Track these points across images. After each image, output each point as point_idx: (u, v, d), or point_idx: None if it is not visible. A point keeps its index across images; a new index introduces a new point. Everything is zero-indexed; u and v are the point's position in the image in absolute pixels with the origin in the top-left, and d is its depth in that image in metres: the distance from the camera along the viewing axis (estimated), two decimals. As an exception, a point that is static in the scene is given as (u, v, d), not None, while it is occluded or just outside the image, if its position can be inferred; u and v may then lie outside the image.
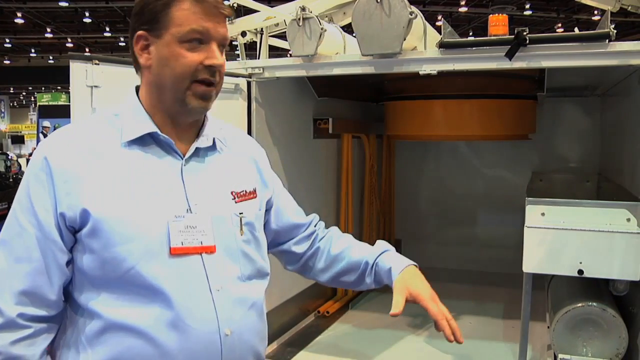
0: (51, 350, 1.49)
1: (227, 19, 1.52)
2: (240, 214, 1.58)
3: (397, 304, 1.80)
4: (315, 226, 1.94)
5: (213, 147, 1.61)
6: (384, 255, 1.92)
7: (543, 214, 2.64)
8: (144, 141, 1.50)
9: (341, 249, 1.91)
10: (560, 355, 2.65)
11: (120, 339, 1.41)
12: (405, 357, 3.29)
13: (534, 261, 2.60)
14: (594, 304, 2.63)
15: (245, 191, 1.63)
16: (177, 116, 1.54)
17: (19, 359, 1.39)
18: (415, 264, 1.94)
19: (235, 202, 1.59)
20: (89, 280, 1.44)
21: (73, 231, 1.43)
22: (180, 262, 1.45)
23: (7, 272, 1.41)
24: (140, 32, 1.48)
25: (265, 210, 1.77)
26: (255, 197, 1.66)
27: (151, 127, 1.50)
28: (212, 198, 1.55)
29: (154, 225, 1.44)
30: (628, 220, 2.52)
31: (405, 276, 1.89)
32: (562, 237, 2.55)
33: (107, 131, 1.50)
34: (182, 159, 1.53)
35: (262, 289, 1.64)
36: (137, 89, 1.58)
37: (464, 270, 5.08)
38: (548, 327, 2.80)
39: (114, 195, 1.43)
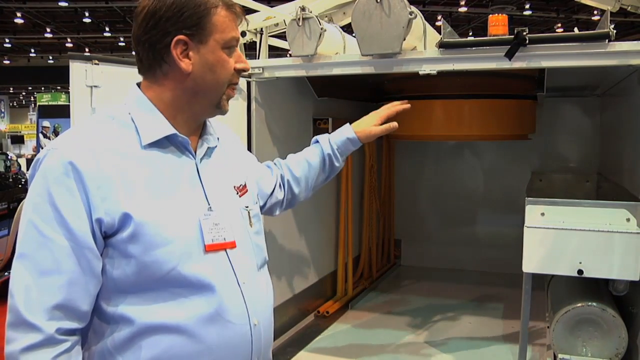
0: None
1: None
2: (246, 207, 1.64)
3: (387, 126, 2.21)
4: (275, 171, 2.09)
5: (215, 147, 1.64)
6: (331, 137, 2.16)
7: (543, 214, 2.64)
8: (160, 143, 1.48)
9: (300, 166, 2.12)
10: (559, 355, 2.65)
11: (158, 342, 1.40)
12: (404, 357, 3.29)
13: (533, 261, 2.60)
14: (594, 304, 2.63)
15: (242, 185, 1.68)
16: (201, 118, 1.58)
17: None
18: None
19: (240, 197, 1.64)
20: (120, 285, 1.40)
21: (105, 236, 1.38)
22: (213, 259, 1.47)
23: (35, 288, 1.33)
24: (180, 37, 1.45)
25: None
26: (247, 190, 1.70)
27: (170, 129, 1.49)
28: (224, 195, 1.58)
29: (188, 225, 1.45)
30: (628, 220, 2.52)
31: (358, 125, 2.18)
32: (562, 237, 2.55)
33: (124, 132, 1.46)
34: (195, 158, 1.54)
35: (268, 277, 1.71)
36: (139, 86, 1.55)
37: (463, 270, 5.09)
38: (548, 327, 2.80)
39: (149, 197, 1.41)
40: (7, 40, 22.94)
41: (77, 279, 1.35)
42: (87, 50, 23.93)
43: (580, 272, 2.52)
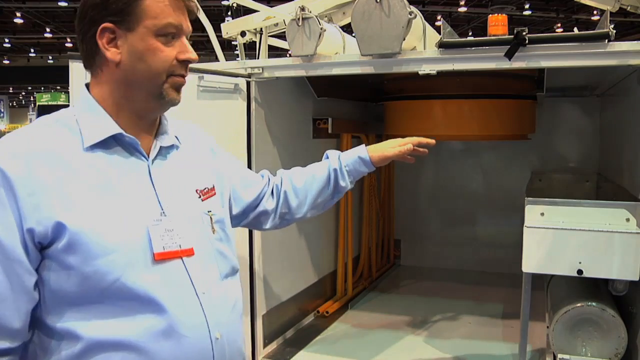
0: None
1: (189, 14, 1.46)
2: (209, 212, 1.54)
3: (401, 150, 2.09)
4: (270, 180, 1.97)
5: (172, 146, 1.54)
6: (342, 156, 2.03)
7: (542, 214, 2.64)
8: (106, 144, 1.39)
9: (303, 178, 1.98)
10: (559, 356, 2.65)
11: (107, 357, 1.31)
12: (404, 357, 3.29)
13: (533, 261, 2.60)
14: (593, 304, 2.63)
15: (207, 188, 1.58)
16: (147, 113, 1.47)
17: None
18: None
19: (202, 201, 1.54)
20: (63, 299, 1.31)
21: (40, 248, 1.29)
22: (164, 268, 1.37)
23: None
24: (105, 24, 1.36)
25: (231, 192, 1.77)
26: (215, 193, 1.61)
27: (115, 129, 1.40)
28: (181, 198, 1.49)
29: (134, 232, 1.35)
30: (627, 220, 2.52)
31: (374, 147, 2.07)
32: (562, 237, 2.55)
33: (64, 135, 1.37)
34: (147, 159, 1.45)
35: (238, 286, 1.62)
36: (87, 87, 1.47)
37: (463, 270, 5.09)
38: (547, 327, 2.80)
39: (88, 204, 1.31)
40: (6, 40, 22.96)
41: (5, 295, 1.26)
42: (86, 50, 23.94)
43: (579, 272, 2.52)
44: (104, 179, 1.36)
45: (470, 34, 18.85)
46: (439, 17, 15.80)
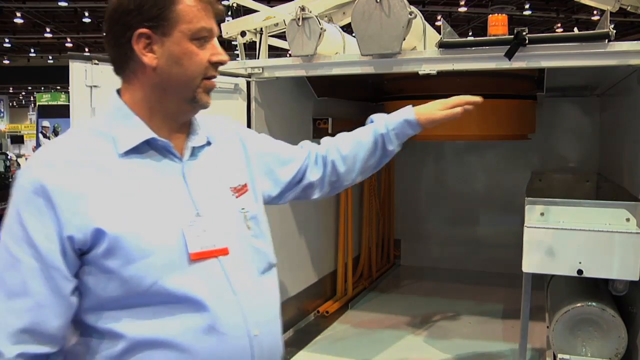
0: None
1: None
2: (243, 209, 1.53)
3: (451, 112, 2.03)
4: (311, 151, 1.91)
5: (204, 145, 1.54)
6: (388, 119, 1.96)
7: (542, 214, 2.64)
8: (140, 148, 1.40)
9: (350, 144, 1.92)
10: (559, 355, 2.65)
11: (150, 357, 1.34)
12: (404, 357, 3.29)
13: (533, 261, 2.60)
14: (594, 303, 2.63)
15: (240, 185, 1.58)
16: (179, 116, 1.48)
17: None
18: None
19: (236, 198, 1.54)
20: (105, 301, 1.34)
21: (80, 253, 1.32)
22: (200, 268, 1.38)
23: (2, 310, 1.29)
24: (141, 30, 1.37)
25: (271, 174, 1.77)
26: (248, 190, 1.60)
27: (148, 133, 1.41)
28: (215, 197, 1.49)
29: (170, 235, 1.37)
30: (627, 220, 2.52)
31: (422, 109, 1.98)
32: (562, 237, 2.55)
33: (99, 142, 1.39)
34: (181, 160, 1.46)
35: (275, 282, 1.61)
36: (118, 92, 1.48)
37: (463, 270, 5.09)
38: (547, 327, 2.80)
39: (124, 209, 1.33)
40: (6, 40, 22.95)
41: (45, 302, 1.29)
42: (87, 50, 23.92)
43: (580, 272, 2.52)
44: (139, 183, 1.38)
45: (470, 34, 18.84)
46: (439, 17, 15.79)
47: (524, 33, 2.43)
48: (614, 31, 2.36)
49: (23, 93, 37.05)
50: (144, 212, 1.35)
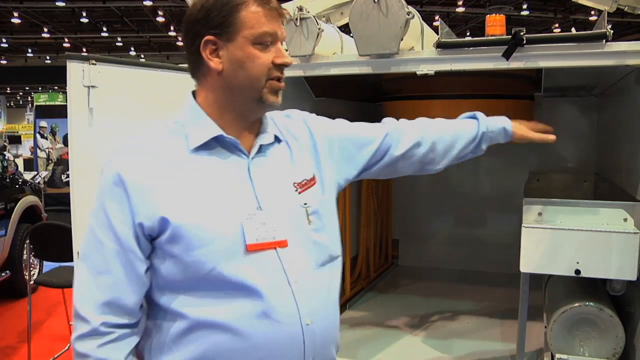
0: (138, 353, 1.56)
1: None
2: (305, 204, 1.63)
3: (545, 137, 2.26)
4: (396, 127, 2.00)
5: (273, 142, 1.66)
6: (489, 121, 2.12)
7: (540, 214, 2.65)
8: (209, 145, 1.54)
9: (452, 131, 2.06)
10: (557, 355, 2.66)
11: (207, 336, 1.47)
12: (402, 357, 3.29)
13: (531, 261, 2.60)
14: (591, 303, 2.63)
15: (306, 180, 1.67)
16: (249, 115, 1.60)
17: None
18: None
19: (299, 193, 1.64)
20: (171, 283, 1.50)
21: (151, 239, 1.49)
22: (257, 258, 1.50)
23: (90, 285, 1.49)
24: (208, 37, 1.51)
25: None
26: (315, 182, 1.69)
27: (217, 131, 1.54)
28: (278, 193, 1.60)
29: (228, 226, 1.49)
30: (625, 220, 2.53)
31: (516, 124, 2.16)
32: (559, 237, 2.55)
33: (173, 140, 1.55)
34: (248, 157, 1.58)
35: (335, 275, 1.69)
36: (194, 94, 1.62)
37: (461, 270, 5.09)
38: (545, 327, 2.80)
39: (189, 201, 1.48)
40: (4, 40, 22.92)
41: (122, 279, 1.48)
42: (84, 50, 23.91)
43: (577, 272, 2.52)
44: (205, 178, 1.52)
45: (468, 34, 18.86)
46: (436, 17, 15.81)
47: (522, 33, 2.44)
48: (612, 31, 2.37)
49: (20, 93, 37.02)
50: (206, 204, 1.49)
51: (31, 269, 6.21)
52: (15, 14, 18.51)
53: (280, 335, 1.50)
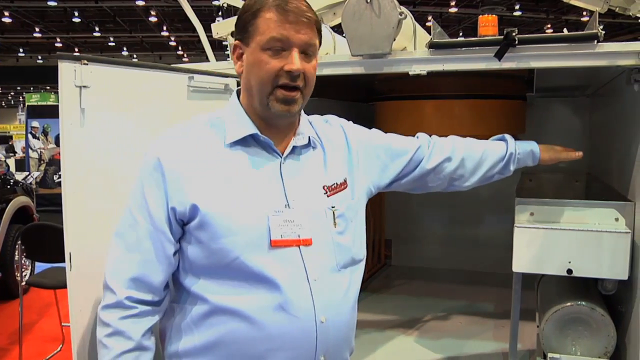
0: (161, 330, 1.68)
1: (314, 25, 1.60)
2: (332, 207, 1.68)
3: (570, 154, 2.38)
4: (428, 143, 2.07)
5: (308, 146, 1.72)
6: (518, 143, 2.21)
7: (532, 214, 2.66)
8: (246, 142, 1.62)
9: (481, 149, 2.14)
10: (549, 355, 2.66)
11: (225, 322, 1.54)
12: (395, 357, 3.30)
13: (523, 261, 2.61)
14: (583, 303, 2.64)
15: (337, 184, 1.73)
16: (268, 119, 1.64)
17: (123, 333, 1.55)
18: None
19: (328, 197, 1.69)
20: (196, 268, 1.58)
21: (182, 224, 1.58)
22: (280, 254, 1.56)
23: (121, 260, 1.59)
24: (236, 42, 1.64)
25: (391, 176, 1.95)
26: (346, 186, 1.75)
27: (252, 129, 1.62)
28: (307, 194, 1.66)
29: (255, 220, 1.56)
30: (616, 219, 2.54)
31: (544, 147, 2.28)
32: (552, 236, 2.56)
33: (212, 133, 1.63)
34: (281, 157, 1.65)
35: (356, 278, 1.74)
36: (238, 93, 1.72)
37: (454, 270, 5.10)
38: (538, 326, 2.81)
39: (220, 192, 1.56)
40: (-5, 40, 22.80)
41: (151, 258, 1.57)
42: (76, 50, 23.82)
43: (569, 271, 2.53)
44: (238, 171, 1.60)
45: (460, 34, 18.90)
46: (429, 18, 15.85)
47: (514, 34, 2.44)
48: (603, 32, 2.37)
49: (12, 93, 36.84)
50: (236, 196, 1.57)
51: (23, 270, 6.18)
52: (6, 13, 18.42)
53: (294, 329, 1.54)
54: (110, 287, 1.58)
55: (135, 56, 25.92)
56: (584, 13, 15.32)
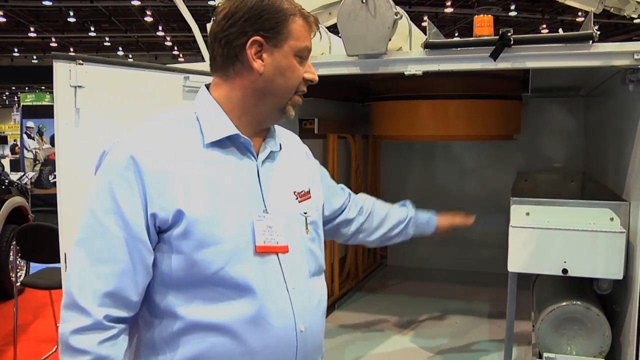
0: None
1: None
2: (304, 213, 1.65)
3: (465, 220, 2.56)
4: (350, 193, 2.13)
5: (278, 151, 1.67)
6: (418, 210, 2.36)
7: (528, 214, 2.66)
8: (222, 143, 1.52)
9: (385, 208, 2.22)
10: (545, 354, 2.67)
11: (202, 338, 1.44)
12: (391, 357, 3.30)
13: (518, 261, 2.62)
14: (578, 302, 2.65)
15: (304, 191, 1.69)
16: (267, 121, 1.60)
17: (106, 359, 1.39)
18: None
19: (299, 202, 1.65)
20: (169, 281, 1.45)
21: (159, 231, 1.44)
22: (262, 261, 1.49)
23: (90, 274, 1.40)
24: (256, 38, 1.50)
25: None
26: (310, 197, 1.71)
27: (233, 130, 1.52)
28: (282, 199, 1.60)
29: (241, 225, 1.48)
30: (611, 219, 2.54)
31: (442, 217, 2.46)
32: (547, 236, 2.56)
33: (187, 132, 1.51)
34: (256, 160, 1.57)
35: (324, 286, 1.71)
36: (207, 87, 1.60)
37: (449, 269, 5.11)
38: (533, 326, 2.82)
39: (204, 196, 1.44)
40: (-10, 40, 22.73)
41: (128, 270, 1.40)
42: (71, 50, 23.76)
43: (565, 271, 2.53)
44: (218, 175, 1.49)
45: (456, 34, 18.93)
46: (425, 18, 15.86)
47: (509, 34, 2.45)
48: (598, 32, 2.38)
49: (7, 93, 36.72)
50: (220, 202, 1.46)
51: (18, 270, 6.16)
52: (1, 13, 18.36)
53: (275, 340, 1.49)
54: (82, 307, 1.38)
55: (130, 56, 25.85)
56: (579, 13, 15.35)
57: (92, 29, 20.90)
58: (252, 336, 1.46)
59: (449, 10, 17.42)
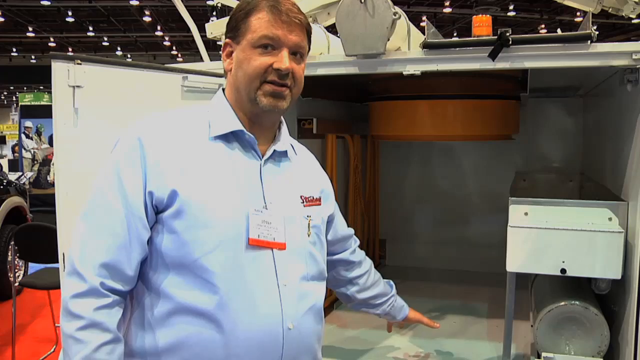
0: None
1: (305, 28, 1.68)
2: (308, 216, 1.70)
3: (431, 323, 2.79)
4: (356, 239, 2.28)
5: (286, 154, 1.74)
6: (399, 297, 2.60)
7: (526, 214, 2.66)
8: (228, 138, 1.62)
9: (377, 276, 2.44)
10: (543, 354, 2.67)
11: (189, 323, 1.49)
12: (389, 357, 3.30)
13: (517, 260, 2.62)
14: (577, 302, 2.65)
15: (312, 197, 1.75)
16: (253, 116, 1.67)
17: (101, 325, 1.46)
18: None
19: (304, 206, 1.70)
20: (164, 260, 1.52)
21: (157, 211, 1.52)
22: (254, 254, 1.54)
23: (90, 244, 1.49)
24: (226, 40, 1.67)
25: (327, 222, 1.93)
26: (320, 204, 1.77)
27: (238, 125, 1.63)
28: (284, 199, 1.66)
29: (233, 216, 1.54)
30: (610, 219, 2.55)
31: (413, 311, 2.71)
32: (545, 236, 2.57)
33: (197, 124, 1.62)
34: (261, 159, 1.65)
35: (322, 291, 1.74)
36: (224, 90, 1.74)
37: (448, 269, 5.10)
38: (531, 325, 2.82)
39: (201, 182, 1.52)
40: (-12, 40, 22.71)
41: (124, 244, 1.49)
42: (70, 50, 23.75)
43: (563, 271, 2.54)
44: (220, 166, 1.58)
45: (455, 34, 18.95)
46: (424, 18, 15.87)
47: (508, 34, 2.45)
48: (597, 32, 2.38)
49: (5, 93, 36.70)
50: (217, 189, 1.54)
51: (16, 270, 6.16)
52: None
53: (260, 333, 1.52)
54: (80, 273, 1.47)
55: (129, 56, 25.85)
56: (578, 14, 15.37)
57: (91, 28, 20.90)
58: (238, 327, 1.49)
59: (447, 10, 17.44)
